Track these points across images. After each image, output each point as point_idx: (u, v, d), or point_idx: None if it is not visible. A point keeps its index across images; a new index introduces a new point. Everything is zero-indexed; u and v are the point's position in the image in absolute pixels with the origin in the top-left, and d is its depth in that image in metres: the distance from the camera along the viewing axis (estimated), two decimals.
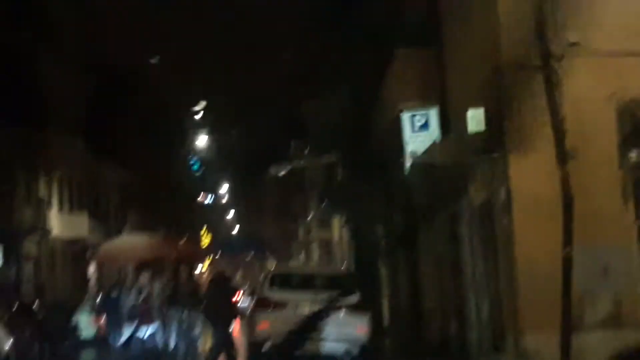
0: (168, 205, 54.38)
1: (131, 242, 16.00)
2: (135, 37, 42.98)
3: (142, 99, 47.38)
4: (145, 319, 18.13)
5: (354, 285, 16.06)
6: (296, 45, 35.21)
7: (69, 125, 38.66)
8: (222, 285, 14.14)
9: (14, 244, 31.15)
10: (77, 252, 39.00)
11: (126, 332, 19.38)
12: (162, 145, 53.05)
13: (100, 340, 26.59)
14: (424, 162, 16.45)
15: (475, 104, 13.73)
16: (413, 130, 17.92)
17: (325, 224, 42.01)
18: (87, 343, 25.61)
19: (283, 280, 16.15)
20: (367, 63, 24.04)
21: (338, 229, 37.72)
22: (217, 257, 46.11)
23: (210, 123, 58.20)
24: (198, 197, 68.99)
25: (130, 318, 17.21)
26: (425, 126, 17.77)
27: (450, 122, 16.90)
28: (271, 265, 46.38)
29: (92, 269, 40.52)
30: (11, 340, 19.17)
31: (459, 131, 14.89)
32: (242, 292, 16.50)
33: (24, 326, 22.35)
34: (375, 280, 25.88)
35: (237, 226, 77.26)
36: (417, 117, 17.89)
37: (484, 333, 15.39)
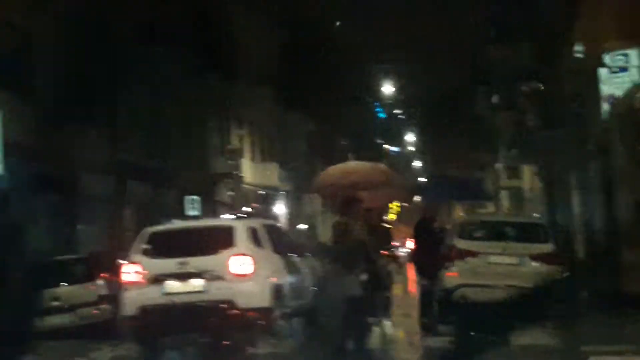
0: (355, 154, 54.83)
1: (353, 167, 13.59)
2: None
3: (329, 52, 47.74)
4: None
5: (547, 234, 15.49)
6: None
7: (260, 77, 39.63)
8: (429, 231, 13.45)
9: (209, 192, 32.43)
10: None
11: None
12: (348, 94, 53.37)
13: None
14: (625, 105, 15.60)
15: None
16: (611, 72, 17.01)
17: (515, 171, 41.03)
18: None
19: (473, 229, 15.82)
20: (557, 2, 23.02)
21: (529, 176, 36.74)
22: (407, 204, 46.14)
23: (396, 71, 57.87)
24: (384, 145, 69.18)
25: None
26: (624, 68, 16.82)
27: None
28: (460, 213, 45.93)
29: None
30: None
31: None
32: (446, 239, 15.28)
33: None
34: (569, 229, 25.03)
35: (424, 174, 76.98)
36: (616, 58, 16.95)
37: None
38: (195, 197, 29.01)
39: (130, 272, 12.23)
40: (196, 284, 11.85)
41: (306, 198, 46.39)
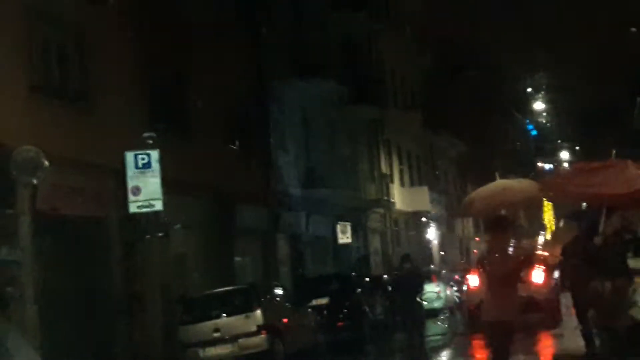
0: (507, 174, 53.78)
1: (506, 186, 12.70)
2: (466, 11, 42.78)
3: (476, 73, 47.16)
4: None
5: None
6: None
7: (409, 102, 39.56)
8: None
9: (361, 218, 32.53)
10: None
11: None
12: (497, 113, 52.49)
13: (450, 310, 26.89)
14: None
15: None
16: None
17: None
18: (436, 312, 26.13)
19: None
20: None
21: None
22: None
23: (547, 86, 56.44)
24: (537, 163, 67.55)
25: None
26: None
27: None
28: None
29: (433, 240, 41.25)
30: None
31: None
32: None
33: (373, 298, 23.24)
34: None
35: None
36: None
37: None
38: (346, 224, 29.19)
39: (473, 279, 19.41)
40: None
41: (458, 221, 45.80)
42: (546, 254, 23.76)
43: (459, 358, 16.08)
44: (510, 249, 10.59)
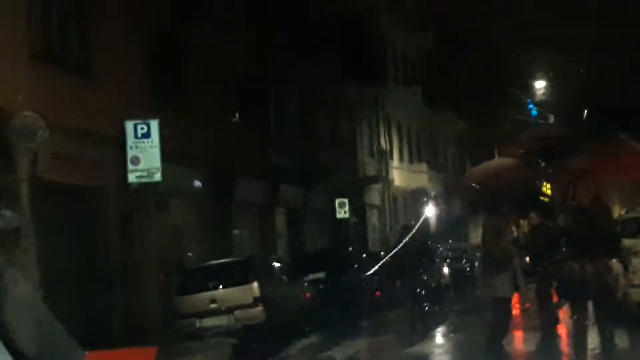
0: (506, 154, 53.61)
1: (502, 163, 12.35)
2: None
3: (477, 51, 46.94)
4: None
5: None
6: None
7: (409, 78, 39.42)
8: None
9: (359, 194, 32.52)
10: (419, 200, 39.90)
11: None
12: (497, 92, 52.34)
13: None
14: None
15: None
16: None
17: None
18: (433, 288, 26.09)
19: (633, 226, 14.93)
20: None
21: None
22: None
23: (549, 65, 56.21)
24: None
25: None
26: None
27: None
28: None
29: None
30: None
31: None
32: None
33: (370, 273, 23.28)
34: None
35: None
36: None
37: None
38: (345, 199, 29.20)
39: None
40: None
41: (456, 198, 45.79)
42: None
43: (456, 333, 16.11)
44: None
